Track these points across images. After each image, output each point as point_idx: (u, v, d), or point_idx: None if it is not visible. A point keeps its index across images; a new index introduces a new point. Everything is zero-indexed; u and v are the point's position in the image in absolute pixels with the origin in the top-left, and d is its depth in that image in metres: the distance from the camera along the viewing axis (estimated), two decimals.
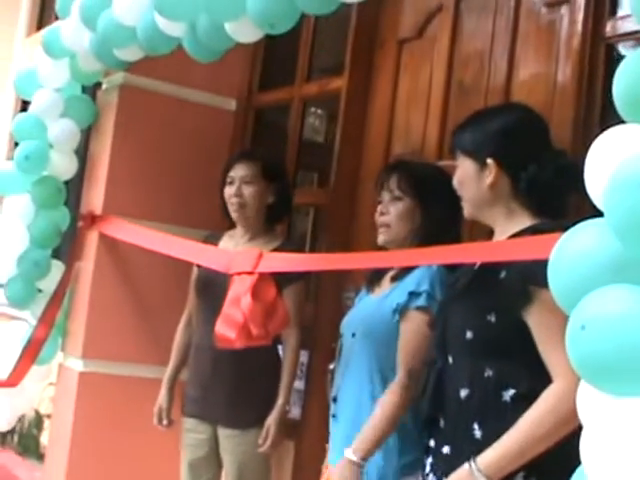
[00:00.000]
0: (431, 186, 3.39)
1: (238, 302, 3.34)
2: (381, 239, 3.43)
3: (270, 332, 3.47)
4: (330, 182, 4.65)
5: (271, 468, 4.11)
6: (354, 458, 3.08)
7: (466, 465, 2.53)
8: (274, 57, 3.77)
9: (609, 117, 3.41)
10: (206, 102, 5.14)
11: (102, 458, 4.71)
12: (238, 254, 3.66)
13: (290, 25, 3.16)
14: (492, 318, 2.59)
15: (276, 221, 4.29)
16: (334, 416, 3.43)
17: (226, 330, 3.39)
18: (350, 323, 3.45)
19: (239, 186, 4.11)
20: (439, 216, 3.35)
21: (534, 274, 2.42)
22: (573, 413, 2.30)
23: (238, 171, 4.14)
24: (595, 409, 1.63)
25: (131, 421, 4.70)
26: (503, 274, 2.57)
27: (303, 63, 5.00)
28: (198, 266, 4.19)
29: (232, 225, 4.28)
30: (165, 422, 4.27)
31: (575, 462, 1.69)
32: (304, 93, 5.02)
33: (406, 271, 3.28)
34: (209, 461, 4.14)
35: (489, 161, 2.72)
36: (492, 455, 2.50)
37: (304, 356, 4.36)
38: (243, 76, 5.24)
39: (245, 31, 3.32)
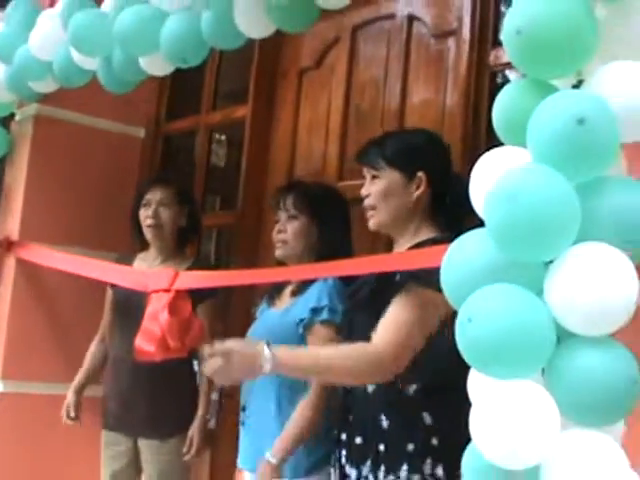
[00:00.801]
0: (325, 205, 3.48)
1: (156, 317, 3.42)
2: (279, 254, 3.52)
3: (186, 345, 3.54)
4: (236, 205, 4.73)
5: (189, 475, 4.16)
6: (273, 461, 3.15)
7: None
8: (181, 87, 3.86)
9: (494, 138, 3.59)
10: (116, 130, 5.18)
11: (23, 475, 4.69)
12: (154, 273, 3.73)
13: (200, 59, 3.25)
14: None
15: (187, 243, 4.34)
16: (243, 424, 3.49)
17: (145, 344, 3.46)
18: (254, 335, 3.51)
19: (155, 208, 4.15)
20: (333, 232, 3.45)
21: (417, 273, 2.56)
22: (367, 369, 2.58)
23: (155, 194, 4.18)
24: (482, 391, 1.76)
25: (50, 438, 4.69)
26: (398, 277, 2.69)
27: (208, 93, 5.07)
28: (113, 286, 4.21)
29: (143, 247, 4.32)
30: (72, 414, 4.27)
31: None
32: (210, 121, 5.09)
33: (305, 286, 3.37)
34: (130, 472, 4.17)
35: (419, 174, 2.80)
36: (287, 355, 2.70)
37: None
38: (151, 105, 5.28)
39: (158, 65, 3.40)
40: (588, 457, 1.66)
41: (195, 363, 4.17)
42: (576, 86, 1.84)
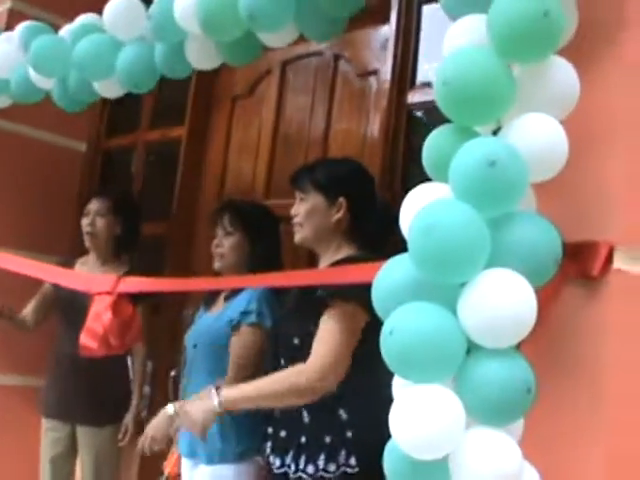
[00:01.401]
0: (257, 222, 3.62)
1: (99, 317, 3.48)
2: (217, 266, 3.64)
3: (127, 343, 3.62)
4: (170, 217, 4.80)
5: (120, 459, 4.27)
6: (170, 411, 3.08)
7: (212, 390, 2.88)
8: (121, 105, 3.93)
9: (410, 169, 3.74)
10: (59, 144, 5.21)
11: None
12: (98, 277, 3.81)
13: (151, 86, 3.32)
14: (313, 327, 2.84)
15: (124, 250, 4.41)
16: None
17: (89, 341, 3.51)
18: (191, 337, 3.63)
19: (92, 218, 4.27)
20: (265, 247, 3.59)
21: (340, 289, 2.70)
22: (304, 389, 2.69)
23: (93, 205, 4.32)
24: (401, 392, 1.87)
25: None
26: (319, 292, 2.82)
27: (147, 112, 5.15)
28: (56, 286, 4.26)
29: (84, 252, 4.40)
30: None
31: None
32: (147, 139, 5.16)
33: (237, 292, 3.51)
34: (67, 456, 4.26)
35: (341, 199, 2.96)
36: (234, 391, 2.87)
37: (149, 366, 4.51)
38: (93, 121, 5.33)
39: (111, 88, 3.45)
40: (488, 451, 1.78)
41: (128, 359, 4.23)
42: (495, 132, 1.96)
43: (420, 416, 1.78)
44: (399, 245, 1.93)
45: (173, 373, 4.23)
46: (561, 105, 1.95)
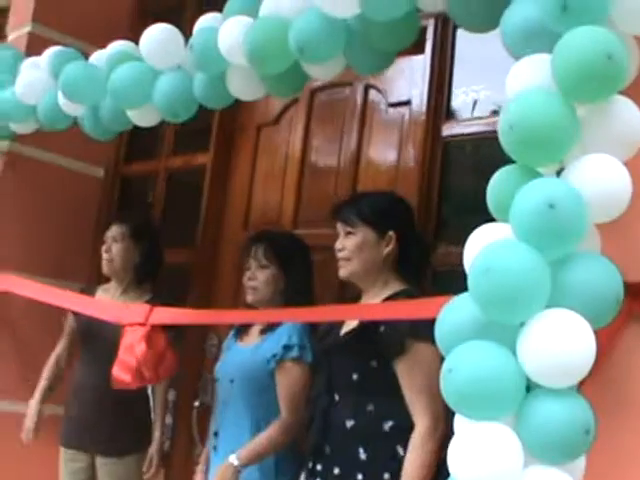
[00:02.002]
0: (292, 255, 3.65)
1: (132, 349, 3.50)
2: (250, 299, 3.66)
3: (160, 375, 3.64)
4: (194, 245, 4.84)
5: None
6: (235, 463, 3.30)
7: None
8: (140, 131, 3.98)
9: (445, 204, 3.78)
10: (77, 169, 5.22)
11: None
12: (129, 307, 3.82)
13: (190, 115, 3.36)
14: (374, 363, 2.89)
15: (145, 278, 4.41)
16: (215, 448, 3.59)
17: (122, 374, 3.54)
18: (226, 370, 3.65)
19: (110, 244, 4.30)
20: (299, 280, 3.62)
21: (411, 329, 2.74)
22: (437, 449, 2.68)
23: (111, 231, 4.33)
24: (460, 429, 1.93)
25: (8, 454, 4.72)
26: (382, 328, 2.87)
27: (169, 138, 5.20)
28: (75, 315, 4.30)
29: (106, 280, 4.43)
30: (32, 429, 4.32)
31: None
32: (170, 165, 5.21)
33: (274, 325, 3.53)
34: None
35: (390, 233, 3.01)
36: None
37: (171, 395, 4.53)
38: (111, 147, 5.34)
39: (146, 117, 3.50)
40: None
41: (149, 388, 4.25)
42: (559, 172, 2.00)
43: (478, 454, 1.85)
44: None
45: (197, 403, 4.28)
46: (625, 145, 2.02)
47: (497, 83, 3.54)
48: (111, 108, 3.58)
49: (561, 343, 1.82)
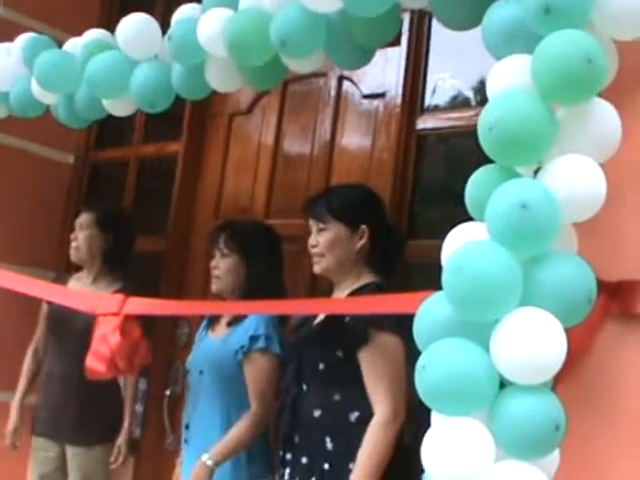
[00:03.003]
0: (253, 243, 3.70)
1: (105, 339, 3.53)
2: (214, 288, 3.74)
3: (135, 366, 3.67)
4: (164, 233, 4.90)
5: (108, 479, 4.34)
6: (208, 462, 3.37)
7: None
8: (111, 118, 3.99)
9: (418, 196, 3.85)
10: (46, 155, 5.30)
11: None
12: (103, 297, 3.85)
13: (167, 105, 3.39)
14: (340, 354, 2.98)
15: (115, 266, 4.46)
16: (186, 441, 3.66)
17: (96, 364, 3.56)
18: (196, 362, 3.72)
19: (77, 232, 4.38)
20: (261, 269, 3.66)
21: (374, 320, 2.82)
22: (394, 436, 2.77)
23: (79, 219, 4.41)
24: (433, 425, 2.00)
25: None
26: (347, 319, 2.96)
27: (140, 126, 5.24)
28: (48, 303, 4.35)
29: (79, 268, 4.47)
30: (17, 443, 4.39)
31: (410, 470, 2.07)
32: (141, 153, 5.25)
33: (241, 317, 3.59)
34: (56, 475, 4.34)
35: (363, 227, 3.08)
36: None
37: (143, 384, 4.59)
38: (82, 133, 5.38)
39: (122, 107, 3.53)
40: None
41: (120, 378, 4.30)
42: (536, 172, 2.07)
43: (451, 448, 1.92)
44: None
45: (168, 392, 4.34)
46: (603, 146, 2.08)
47: (472, 76, 3.65)
48: (86, 97, 3.58)
49: (532, 341, 1.88)
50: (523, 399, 1.92)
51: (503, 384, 1.96)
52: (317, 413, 3.04)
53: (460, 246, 1.99)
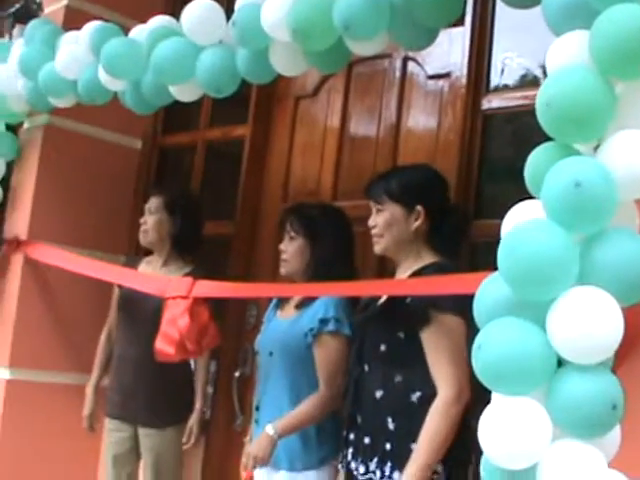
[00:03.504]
0: (322, 226, 3.74)
1: (175, 322, 3.65)
2: (282, 271, 3.81)
3: (203, 348, 3.80)
4: (233, 217, 4.98)
5: (183, 460, 4.46)
6: (271, 433, 3.45)
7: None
8: (178, 103, 4.07)
9: (485, 176, 3.88)
10: (116, 141, 5.41)
11: (29, 461, 4.94)
12: (172, 280, 3.95)
13: (233, 90, 3.48)
14: (401, 334, 3.04)
15: (185, 250, 4.54)
16: (257, 421, 3.74)
17: (165, 346, 3.69)
18: (265, 343, 3.79)
19: (146, 216, 4.48)
20: (328, 251, 3.70)
21: (434, 300, 2.88)
22: (457, 416, 2.82)
23: (150, 202, 4.50)
24: (491, 404, 2.05)
25: (55, 424, 4.96)
26: (409, 300, 3.03)
27: (207, 110, 5.33)
28: (119, 287, 4.48)
29: (149, 252, 4.60)
30: (95, 426, 4.57)
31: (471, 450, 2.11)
32: (208, 137, 5.34)
33: (310, 299, 3.65)
34: (130, 456, 4.46)
35: (418, 207, 3.14)
36: (416, 463, 2.92)
37: (213, 365, 4.70)
38: (149, 119, 5.45)
39: (188, 92, 3.63)
40: (573, 461, 1.96)
41: (191, 360, 4.41)
42: (596, 149, 2.09)
43: (508, 428, 1.98)
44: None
45: (237, 374, 4.44)
46: None
47: (537, 55, 3.66)
48: (153, 83, 3.70)
49: (587, 320, 1.93)
50: (579, 378, 1.96)
51: (561, 363, 2.01)
52: (379, 394, 3.10)
53: (515, 225, 2.05)
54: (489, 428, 2.01)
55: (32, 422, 4.93)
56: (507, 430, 1.97)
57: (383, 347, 3.11)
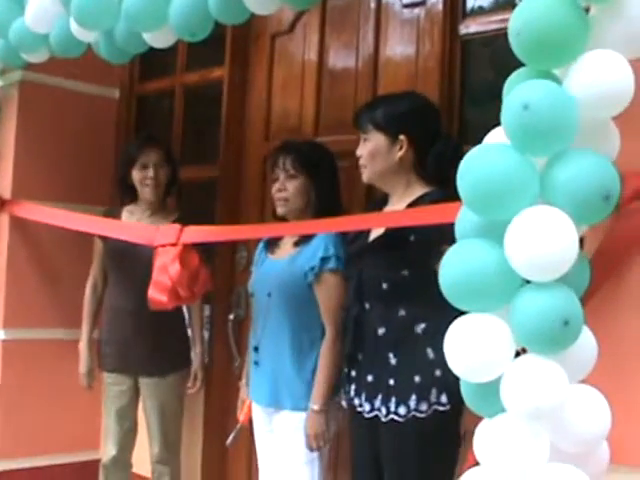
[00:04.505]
0: (320, 164, 3.88)
1: (165, 269, 3.78)
2: (281, 211, 3.89)
3: (196, 294, 3.95)
4: (218, 160, 5.12)
5: (184, 405, 4.68)
6: (315, 408, 3.61)
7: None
8: (153, 49, 4.13)
9: (467, 102, 3.96)
10: (93, 92, 5.56)
11: (29, 417, 5.18)
12: (160, 229, 4.06)
13: (207, 33, 3.56)
14: (405, 272, 3.17)
15: (167, 196, 4.74)
16: (256, 363, 3.90)
17: (157, 294, 3.82)
18: (262, 284, 3.93)
19: (156, 170, 4.57)
20: (328, 189, 3.87)
21: (443, 235, 2.95)
22: None
23: (150, 156, 4.58)
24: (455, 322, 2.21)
25: (51, 378, 5.20)
26: (412, 237, 3.13)
27: (182, 54, 5.43)
28: (103, 239, 4.62)
29: (127, 202, 4.72)
30: (93, 384, 4.77)
31: None
32: (185, 81, 5.48)
33: (308, 236, 3.78)
34: (131, 407, 4.70)
35: (401, 137, 3.26)
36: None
37: (206, 310, 4.92)
38: (125, 66, 5.57)
39: (162, 38, 3.71)
40: (533, 376, 2.09)
41: (184, 306, 4.59)
42: None
43: (468, 342, 2.15)
44: None
45: (231, 316, 4.57)
46: (635, 42, 2.15)
47: None
48: (126, 32, 3.80)
49: (539, 238, 2.03)
50: (533, 295, 2.08)
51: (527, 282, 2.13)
52: (381, 331, 3.25)
53: (473, 149, 2.18)
54: (454, 343, 2.19)
55: (30, 380, 5.17)
56: (468, 344, 2.13)
57: (385, 285, 3.23)
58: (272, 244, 3.96)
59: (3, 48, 4.57)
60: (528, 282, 2.10)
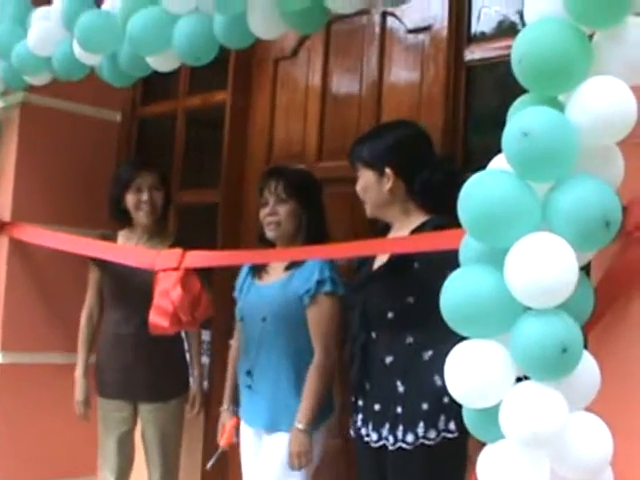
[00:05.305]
0: (310, 191, 4.00)
1: (167, 294, 3.83)
2: (272, 235, 3.98)
3: (197, 319, 3.99)
4: (217, 185, 5.19)
5: (183, 430, 4.73)
6: (300, 427, 3.69)
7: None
8: (156, 72, 4.18)
9: (471, 127, 4.01)
10: (95, 115, 5.62)
11: (25, 441, 5.21)
12: (161, 253, 4.11)
13: (212, 57, 3.62)
14: (411, 299, 3.23)
15: (162, 220, 4.78)
16: (249, 387, 3.97)
17: (159, 319, 3.87)
18: (254, 309, 3.99)
19: (150, 193, 4.61)
20: (318, 215, 3.97)
21: (448, 261, 2.99)
22: None
23: (145, 180, 4.63)
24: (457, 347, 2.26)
25: (48, 403, 5.23)
26: (416, 264, 3.19)
27: (185, 78, 5.50)
28: (102, 266, 4.63)
29: (123, 226, 4.76)
30: (89, 414, 4.78)
31: None
32: (188, 105, 5.55)
33: (299, 261, 3.86)
34: (131, 434, 4.75)
35: (387, 170, 3.34)
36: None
37: (206, 335, 4.98)
38: (127, 90, 5.61)
39: (166, 62, 3.77)
40: (531, 401, 2.12)
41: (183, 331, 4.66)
42: None
43: (467, 367, 2.20)
44: None
45: (232, 342, 4.60)
46: (637, 68, 2.20)
47: (516, 2, 3.79)
48: (130, 55, 3.86)
49: (538, 265, 2.07)
50: (532, 322, 2.12)
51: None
52: (388, 359, 3.30)
53: (474, 175, 2.23)
54: (454, 368, 2.23)
55: (26, 402, 5.20)
56: (469, 370, 2.18)
57: (391, 314, 3.29)
58: (259, 269, 4.04)
59: (5, 70, 4.64)
60: (530, 308, 2.15)
